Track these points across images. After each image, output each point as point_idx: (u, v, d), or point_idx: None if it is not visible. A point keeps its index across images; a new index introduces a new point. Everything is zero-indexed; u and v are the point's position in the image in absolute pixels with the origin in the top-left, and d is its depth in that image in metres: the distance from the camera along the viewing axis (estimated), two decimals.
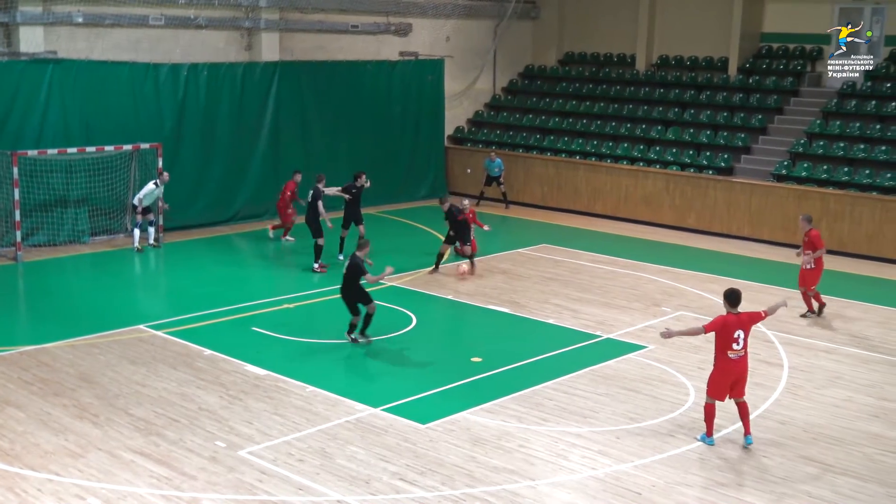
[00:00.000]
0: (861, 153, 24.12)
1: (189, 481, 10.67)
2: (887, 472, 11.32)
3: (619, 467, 11.26)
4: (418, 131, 29.13)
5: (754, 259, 22.50)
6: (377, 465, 11.15)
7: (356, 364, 14.77)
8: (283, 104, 25.67)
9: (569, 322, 16.92)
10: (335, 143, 26.90)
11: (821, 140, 25.04)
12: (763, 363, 15.03)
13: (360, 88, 27.48)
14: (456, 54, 30.45)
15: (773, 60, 28.35)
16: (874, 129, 24.59)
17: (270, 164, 25.58)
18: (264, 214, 25.45)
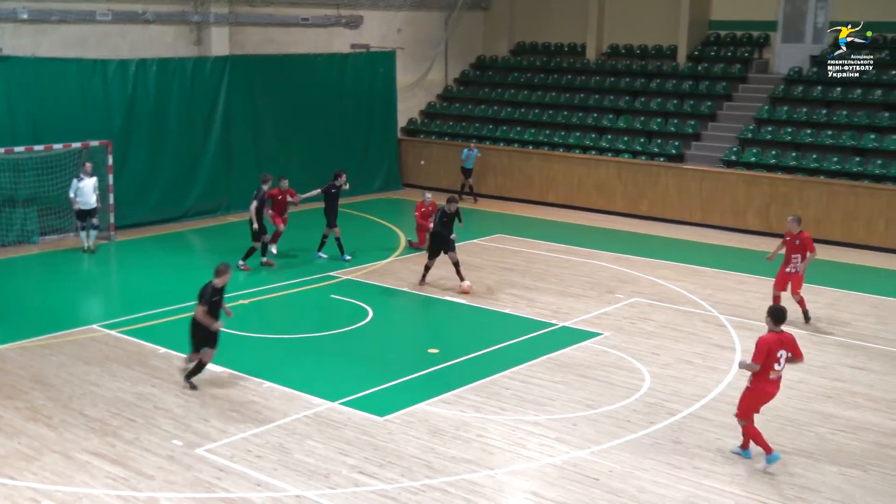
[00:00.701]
0: (808, 138, 24.44)
1: (146, 481, 10.56)
2: (839, 451, 11.50)
3: (576, 454, 11.32)
4: (371, 124, 29.02)
5: (706, 244, 22.73)
6: (336, 459, 11.11)
7: (313, 359, 14.69)
8: (234, 99, 25.44)
9: (524, 311, 16.97)
10: (287, 136, 26.72)
11: (769, 126, 25.33)
12: (716, 347, 15.19)
13: (312, 82, 27.30)
14: (407, 46, 30.37)
15: (721, 48, 28.62)
16: (820, 113, 24.91)
17: (222, 160, 25.35)
18: (217, 210, 25.24)
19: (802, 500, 10.29)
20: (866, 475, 10.87)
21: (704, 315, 16.86)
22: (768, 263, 20.95)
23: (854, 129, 24.12)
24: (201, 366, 13.17)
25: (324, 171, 27.28)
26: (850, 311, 17.20)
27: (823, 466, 11.08)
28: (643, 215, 25.48)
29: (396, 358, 14.67)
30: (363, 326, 16.23)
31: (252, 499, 10.20)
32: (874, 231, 22.11)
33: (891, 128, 23.65)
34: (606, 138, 27.49)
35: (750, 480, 10.69)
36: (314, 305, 17.60)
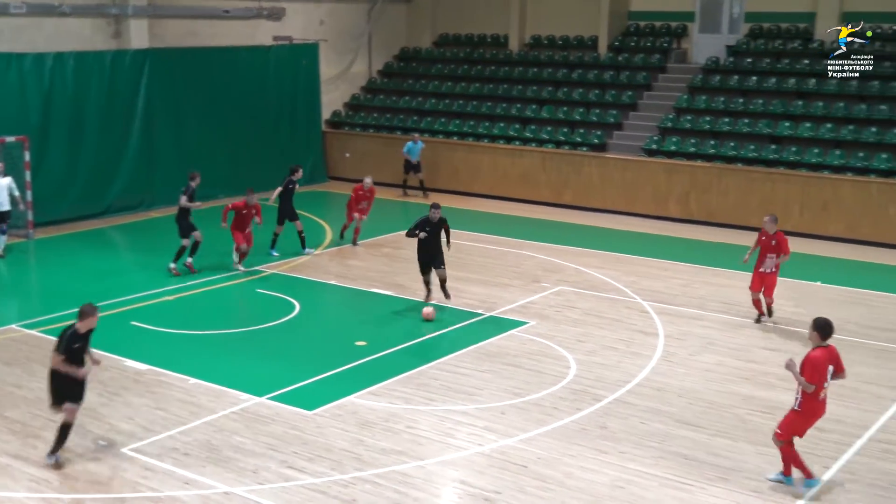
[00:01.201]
0: (726, 126, 24.92)
1: (70, 482, 10.37)
2: (757, 431, 11.78)
3: (505, 442, 11.42)
4: (295, 116, 28.81)
5: (629, 232, 23.06)
6: (265, 455, 11.05)
7: (240, 354, 14.56)
8: (156, 92, 25.01)
9: (452, 301, 17.02)
10: (211, 130, 26.38)
11: (688, 115, 25.77)
12: (639, 333, 15.44)
13: (235, 74, 27.00)
14: (330, 38, 30.20)
15: (640, 38, 29.02)
16: (737, 102, 25.42)
17: (144, 155, 24.94)
18: (140, 206, 24.84)
19: (724, 480, 10.52)
20: None
21: (628, 302, 17.11)
22: (688, 250, 21.41)
23: (769, 118, 24.66)
24: (65, 430, 10.73)
25: (248, 165, 27.12)
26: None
27: (743, 446, 11.35)
28: (567, 204, 25.73)
29: (324, 351, 14.62)
30: (290, 321, 16.14)
31: (180, 497, 10.09)
32: (790, 216, 22.62)
33: (804, 116, 24.25)
34: (530, 128, 27.69)
35: (672, 463, 10.90)
36: (240, 300, 17.44)
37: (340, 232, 21.72)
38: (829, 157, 23.01)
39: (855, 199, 21.92)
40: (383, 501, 10.03)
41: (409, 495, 10.17)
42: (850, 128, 23.44)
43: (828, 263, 20.18)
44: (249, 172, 27.20)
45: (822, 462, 10.94)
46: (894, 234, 21.45)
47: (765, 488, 10.33)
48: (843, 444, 11.44)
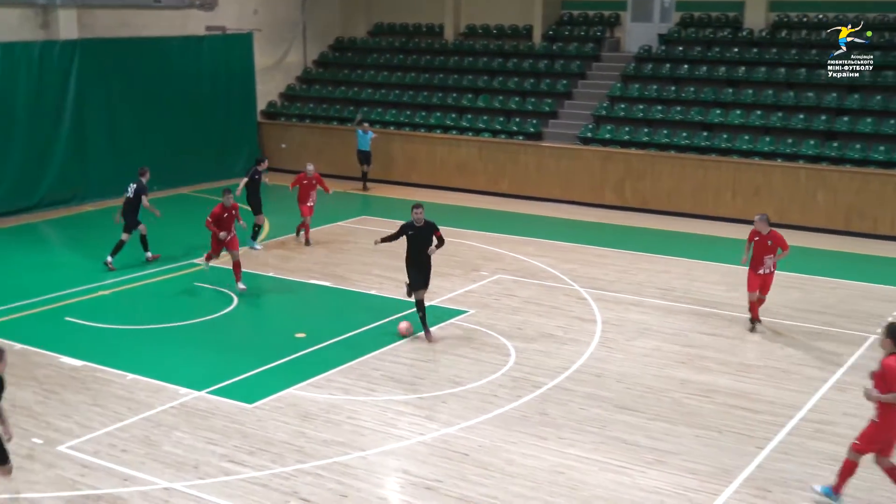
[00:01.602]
0: (659, 114, 25.21)
1: (5, 482, 10.13)
2: (694, 414, 11.98)
3: (446, 431, 11.45)
4: (230, 107, 28.48)
5: (566, 220, 23.22)
6: (205, 449, 10.94)
7: (178, 348, 14.38)
8: (87, 84, 24.53)
9: (391, 292, 17.01)
10: (144, 122, 25.96)
11: (622, 103, 26.01)
12: (578, 319, 15.57)
13: (168, 65, 26.59)
14: (265, 28, 29.89)
15: (574, 27, 29.20)
16: (670, 90, 25.72)
17: (76, 147, 24.46)
18: (72, 199, 24.37)
19: (662, 463, 10.68)
20: (720, 435, 11.36)
21: (566, 289, 17.25)
22: (624, 237, 21.65)
23: (701, 105, 25.00)
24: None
25: (183, 157, 26.76)
26: (703, 280, 17.88)
27: (681, 429, 11.52)
28: (504, 193, 25.83)
29: (263, 344, 14.50)
30: (228, 313, 15.98)
31: (119, 494, 9.95)
32: (722, 202, 23.02)
33: (734, 103, 24.62)
34: (466, 118, 27.72)
35: (612, 447, 11.03)
36: (177, 294, 17.21)
37: (297, 230, 20.99)
38: (760, 144, 23.42)
39: (784, 185, 22.35)
40: (325, 493, 10.00)
41: (352, 486, 10.15)
42: (779, 115, 23.87)
43: None
44: (184, 165, 26.88)
45: (755, 443, 11.16)
46: (822, 219, 21.92)
47: (701, 470, 10.51)
48: (776, 424, 11.68)
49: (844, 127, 22.98)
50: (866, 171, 21.66)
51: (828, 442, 11.19)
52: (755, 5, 26.19)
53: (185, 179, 26.70)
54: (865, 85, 23.48)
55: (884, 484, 9.88)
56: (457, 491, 10.04)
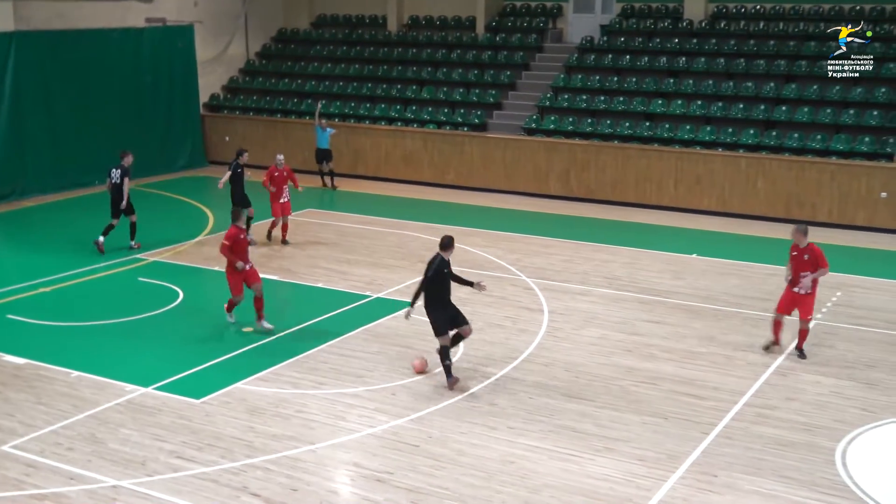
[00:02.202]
0: (602, 104, 25.39)
1: None
2: (640, 401, 12.12)
3: (396, 422, 11.45)
4: (172, 100, 28.09)
5: (511, 210, 23.31)
6: (153, 446, 10.82)
7: (123, 345, 14.18)
8: (23, 77, 24.02)
9: (339, 284, 16.96)
10: (84, 115, 25.49)
11: (565, 93, 26.15)
12: (525, 309, 15.65)
13: (107, 58, 26.14)
14: (206, 19, 29.52)
15: (517, 18, 29.28)
16: (612, 81, 25.92)
17: (14, 142, 23.95)
18: (10, 195, 23.87)
19: (610, 450, 10.79)
20: (667, 422, 11.51)
21: (513, 279, 17.33)
22: (569, 227, 21.79)
23: (643, 95, 25.24)
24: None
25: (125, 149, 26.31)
26: (647, 269, 18.07)
27: (628, 417, 11.65)
28: (450, 184, 25.85)
29: (210, 338, 14.37)
30: (174, 308, 15.81)
31: (66, 493, 9.80)
32: (665, 192, 23.28)
33: (675, 93, 24.89)
34: (411, 109, 27.68)
35: (561, 436, 11.12)
36: (121, 290, 16.96)
37: (268, 233, 19.99)
38: (701, 133, 23.71)
39: (725, 174, 22.65)
40: (275, 487, 9.95)
41: (302, 480, 10.11)
42: (719, 105, 24.18)
43: (702, 236, 20.83)
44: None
45: (700, 428, 11.32)
46: (762, 207, 22.27)
47: (649, 456, 10.64)
48: (721, 409, 11.86)
49: (783, 116, 23.36)
50: (804, 160, 22.04)
51: (770, 427, 11.39)
52: None
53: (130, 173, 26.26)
54: (803, 75, 23.89)
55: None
56: (407, 482, 10.06)
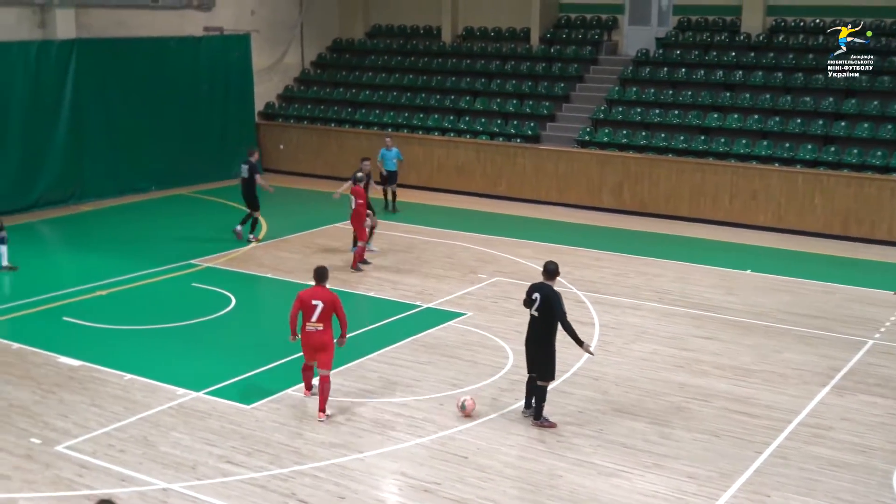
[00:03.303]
0: (657, 118, 25.23)
1: (3, 482, 10.15)
2: (692, 418, 11.98)
3: (444, 433, 11.44)
4: (227, 108, 28.44)
5: (563, 223, 23.21)
6: (202, 450, 10.93)
7: (175, 349, 14.36)
8: (83, 84, 24.49)
9: (389, 294, 17.01)
10: (141, 123, 25.91)
11: (619, 106, 26.03)
12: (575, 323, 15.41)
13: (165, 66, 26.56)
14: (262, 29, 29.87)
15: (572, 30, 29.22)
16: (667, 94, 25.75)
17: (73, 147, 24.41)
18: (69, 199, 24.33)
19: (660, 466, 10.69)
20: (718, 440, 11.37)
21: (563, 292, 17.09)
22: (621, 240, 21.66)
23: (699, 109, 25.03)
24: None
25: (180, 158, 26.74)
26: (699, 284, 17.89)
27: (679, 433, 11.53)
28: (502, 195, 25.83)
29: (261, 345, 14.49)
30: (226, 314, 15.97)
31: (117, 495, 9.93)
32: (720, 206, 23.04)
33: (731, 107, 24.65)
34: (464, 120, 27.73)
35: (610, 451, 11.04)
36: (175, 295, 17.19)
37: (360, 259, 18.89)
38: (757, 148, 23.45)
39: (782, 189, 22.37)
40: (323, 495, 9.99)
41: (349, 488, 10.15)
42: (777, 119, 23.90)
43: (757, 252, 20.57)
44: (182, 165, 26.87)
45: (753, 447, 11.17)
46: (819, 224, 21.94)
47: (700, 474, 10.52)
48: (774, 428, 11.69)
49: (841, 132, 23.01)
50: (863, 176, 21.69)
51: (825, 447, 11.21)
52: (752, 9, 26.23)
53: (183, 180, 26.68)
54: (863, 90, 23.53)
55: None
56: (454, 493, 10.05)
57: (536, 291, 11.57)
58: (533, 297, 11.56)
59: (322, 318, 11.65)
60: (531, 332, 11.65)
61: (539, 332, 11.53)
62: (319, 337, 11.67)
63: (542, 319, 11.47)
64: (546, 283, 11.64)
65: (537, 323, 11.54)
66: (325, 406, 11.74)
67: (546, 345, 11.55)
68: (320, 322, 11.62)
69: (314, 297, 11.62)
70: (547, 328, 11.49)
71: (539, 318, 11.50)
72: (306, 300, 11.63)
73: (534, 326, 11.59)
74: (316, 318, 11.61)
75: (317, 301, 11.59)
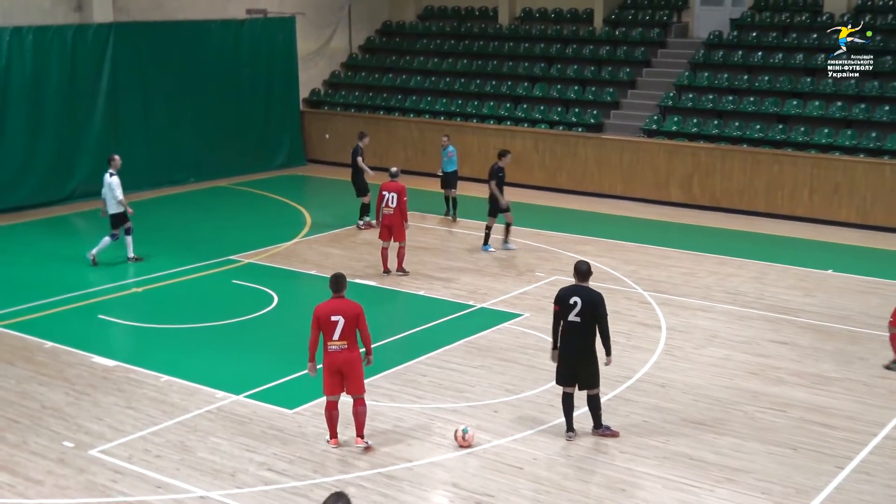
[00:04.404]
0: (730, 105, 24.96)
1: (35, 487, 10.35)
2: (766, 429, 11.83)
3: (498, 442, 11.43)
4: (270, 95, 28.71)
5: (628, 218, 23.07)
6: (242, 457, 11.03)
7: (214, 349, 14.53)
8: (121, 69, 24.88)
9: (440, 293, 17.03)
10: (181, 110, 26.29)
11: (690, 92, 25.79)
12: (640, 325, 15.47)
13: (206, 50, 26.88)
14: (308, 11, 30.08)
15: (638, 11, 29.02)
16: (742, 79, 25.45)
17: (109, 136, 24.78)
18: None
19: (732, 481, 10.57)
20: (795, 453, 11.21)
21: (628, 292, 17.14)
22: (691, 237, 21.44)
23: (776, 95, 24.71)
24: None
25: (221, 147, 27.04)
26: (776, 285, 17.67)
27: (752, 446, 11.39)
28: (562, 188, 25.74)
29: (305, 346, 14.49)
30: (268, 313, 16.11)
31: (152, 502, 10.08)
32: (798, 201, 22.72)
33: (812, 93, 24.30)
34: (522, 108, 27.67)
35: (676, 464, 10.95)
36: (214, 292, 17.39)
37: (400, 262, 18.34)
38: (840, 138, 23.08)
39: (867, 182, 21.99)
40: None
41: (397, 499, 10.18)
42: (862, 106, 23.51)
43: (839, 250, 20.26)
44: (222, 155, 27.16)
45: (834, 462, 11.00)
46: None
47: (775, 490, 10.39)
48: (857, 442, 11.50)
49: None
50: None
51: None
52: None
53: (223, 171, 26.97)
54: None
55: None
56: None
57: (575, 295, 11.25)
58: (572, 302, 11.21)
59: (346, 334, 10.96)
60: (572, 340, 11.31)
61: (584, 339, 11.29)
62: (345, 356, 10.95)
63: (586, 325, 11.24)
64: (584, 286, 11.42)
65: (580, 329, 11.25)
66: (364, 431, 11.26)
67: (592, 352, 11.37)
68: (343, 340, 10.92)
69: (333, 312, 10.90)
70: (591, 334, 11.30)
71: (581, 323, 11.23)
72: (323, 316, 10.89)
73: (575, 334, 11.28)
74: (338, 336, 10.94)
75: (336, 316, 10.87)
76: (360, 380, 11.19)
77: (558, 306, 11.33)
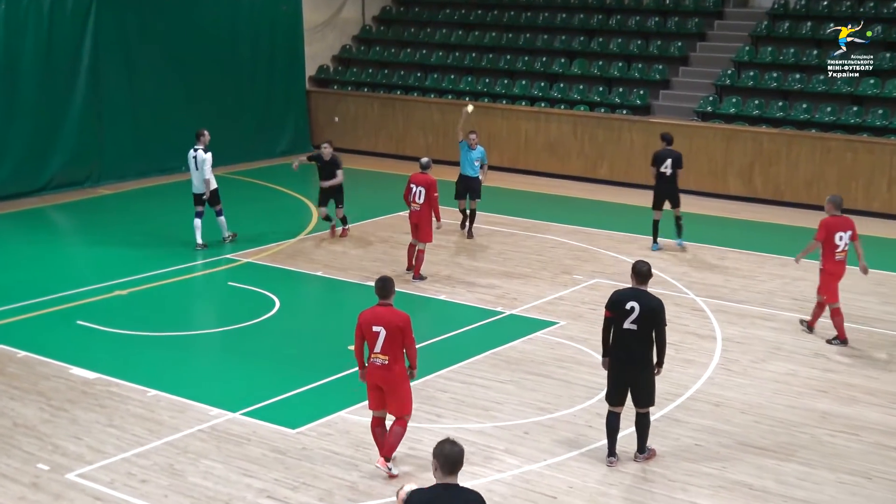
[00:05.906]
0: (797, 84, 24.87)
1: None
2: (837, 455, 11.77)
3: (528, 468, 11.42)
4: (273, 73, 28.84)
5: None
6: (239, 482, 11.07)
7: (208, 361, 14.60)
8: (104, 43, 25.03)
9: (463, 297, 17.05)
10: (172, 90, 26.44)
11: (750, 70, 25.72)
12: (692, 335, 15.43)
13: (200, 22, 27.02)
14: None
15: None
16: (811, 55, 25.35)
17: (91, 120, 24.98)
18: (85, 181, 24.88)
19: None
20: (870, 482, 11.16)
21: (678, 298, 17.11)
22: (751, 235, 21.36)
23: (850, 74, 24.56)
24: None
25: (217, 131, 27.06)
26: (849, 290, 17.54)
27: (821, 474, 11.34)
28: (604, 179, 25.73)
29: (310, 357, 14.63)
30: (268, 319, 16.16)
31: None
32: (876, 193, 22.63)
33: (893, 71, 24.16)
34: (558, 87, 27.68)
35: (734, 494, 10.91)
36: (208, 295, 17.48)
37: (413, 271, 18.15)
38: None
39: None
40: None
41: None
42: None
43: None
44: (218, 141, 27.17)
45: None
46: None
47: None
48: None
49: None
50: None
51: None
52: None
53: (220, 159, 26.79)
54: None
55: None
56: None
57: (632, 300, 11.12)
58: (628, 307, 11.11)
59: (388, 347, 10.81)
60: (627, 350, 11.23)
61: (641, 349, 11.22)
62: (383, 373, 10.81)
63: (643, 333, 11.15)
64: (643, 290, 11.29)
65: (636, 338, 11.16)
66: (392, 454, 11.13)
67: (649, 364, 11.30)
68: (385, 354, 10.80)
69: (375, 322, 10.82)
70: (648, 343, 11.22)
71: (638, 331, 11.13)
72: (365, 325, 10.85)
73: (632, 344, 11.19)
74: (380, 349, 10.81)
75: (378, 327, 10.79)
76: (402, 400, 11.04)
77: (611, 312, 11.22)
